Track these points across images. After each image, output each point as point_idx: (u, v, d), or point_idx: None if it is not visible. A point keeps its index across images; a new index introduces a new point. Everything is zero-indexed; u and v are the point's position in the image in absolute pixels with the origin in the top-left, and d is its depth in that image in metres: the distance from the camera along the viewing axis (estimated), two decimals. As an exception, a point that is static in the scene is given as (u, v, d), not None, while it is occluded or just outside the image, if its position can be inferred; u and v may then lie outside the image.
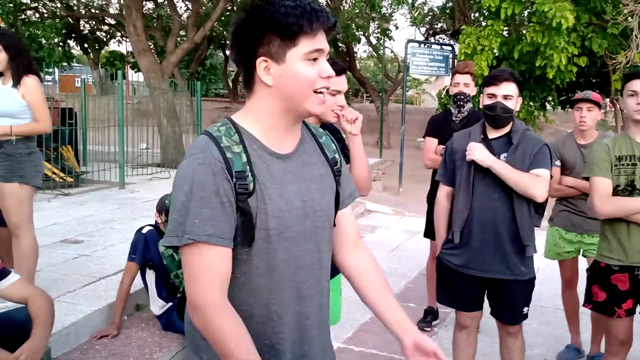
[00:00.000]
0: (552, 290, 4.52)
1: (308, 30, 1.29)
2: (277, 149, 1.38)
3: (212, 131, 1.35)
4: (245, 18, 1.33)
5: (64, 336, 3.42)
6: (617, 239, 2.67)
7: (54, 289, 3.93)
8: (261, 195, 1.31)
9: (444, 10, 19.94)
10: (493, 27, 10.96)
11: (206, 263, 1.27)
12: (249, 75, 1.36)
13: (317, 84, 1.34)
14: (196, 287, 1.28)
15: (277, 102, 1.35)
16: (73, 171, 8.82)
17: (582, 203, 3.54)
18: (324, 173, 1.47)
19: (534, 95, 12.16)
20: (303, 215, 1.38)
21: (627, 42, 10.51)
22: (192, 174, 1.27)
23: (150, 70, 12.07)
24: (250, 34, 1.32)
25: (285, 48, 1.30)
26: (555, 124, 19.38)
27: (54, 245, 5.26)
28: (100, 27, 22.50)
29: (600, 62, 11.45)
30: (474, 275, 2.75)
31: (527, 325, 2.96)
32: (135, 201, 7.82)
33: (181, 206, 1.27)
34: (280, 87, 1.33)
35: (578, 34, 10.75)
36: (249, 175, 1.30)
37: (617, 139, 2.73)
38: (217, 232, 1.27)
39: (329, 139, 1.55)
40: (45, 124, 3.66)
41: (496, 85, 2.69)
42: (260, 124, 1.37)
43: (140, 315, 3.99)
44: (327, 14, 1.32)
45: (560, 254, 3.73)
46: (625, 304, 2.70)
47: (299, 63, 1.31)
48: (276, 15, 1.28)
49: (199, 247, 1.27)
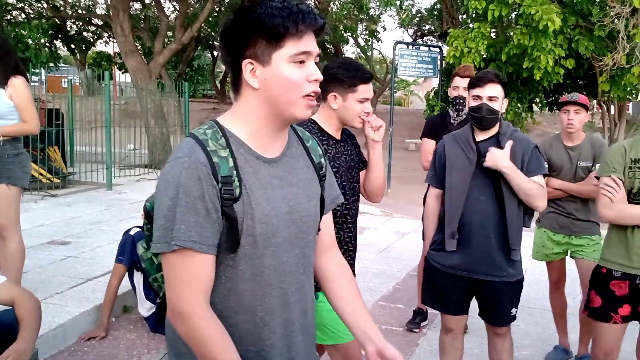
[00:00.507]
0: (539, 292, 4.56)
1: (294, 31, 1.27)
2: (264, 153, 1.35)
3: (198, 134, 1.32)
4: (233, 19, 1.31)
5: (51, 338, 3.39)
6: (624, 244, 2.62)
7: (41, 290, 3.90)
8: (248, 200, 1.29)
9: (432, 12, 20.04)
10: (480, 30, 11.04)
11: (190, 270, 1.25)
12: (236, 78, 1.35)
13: (304, 88, 1.31)
14: (180, 294, 1.26)
15: (264, 106, 1.32)
16: (60, 172, 8.75)
17: (569, 205, 3.56)
18: (310, 178, 1.45)
19: (522, 97, 12.27)
20: (290, 221, 1.36)
21: (614, 44, 10.63)
22: (178, 178, 1.24)
23: (138, 71, 12.01)
24: (238, 35, 1.30)
25: (271, 50, 1.28)
26: (542, 126, 19.53)
27: (41, 246, 5.21)
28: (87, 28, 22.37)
29: (587, 64, 11.57)
30: (461, 276, 2.76)
31: (515, 327, 2.97)
32: (122, 202, 7.77)
33: (168, 211, 1.24)
34: (266, 90, 1.31)
35: (565, 36, 10.85)
36: (235, 180, 1.28)
37: (636, 141, 2.66)
38: (202, 239, 1.24)
39: (316, 143, 1.54)
40: (33, 125, 3.63)
41: (481, 86, 2.70)
42: (247, 127, 1.34)
43: (128, 317, 3.96)
44: (315, 15, 1.29)
45: (548, 255, 3.75)
46: (622, 309, 2.63)
47: (285, 65, 1.29)
48: (262, 17, 1.26)
49: (184, 254, 1.24)
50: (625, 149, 2.62)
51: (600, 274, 2.71)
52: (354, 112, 2.36)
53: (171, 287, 1.27)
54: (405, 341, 3.92)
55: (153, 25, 18.18)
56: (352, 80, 2.33)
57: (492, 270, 2.72)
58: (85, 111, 10.50)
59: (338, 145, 2.42)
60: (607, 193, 2.58)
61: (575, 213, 3.52)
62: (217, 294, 1.32)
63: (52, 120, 8.47)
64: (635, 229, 2.57)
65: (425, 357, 3.63)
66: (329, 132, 2.40)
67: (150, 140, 12.07)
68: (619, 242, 2.63)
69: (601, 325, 2.70)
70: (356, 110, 2.36)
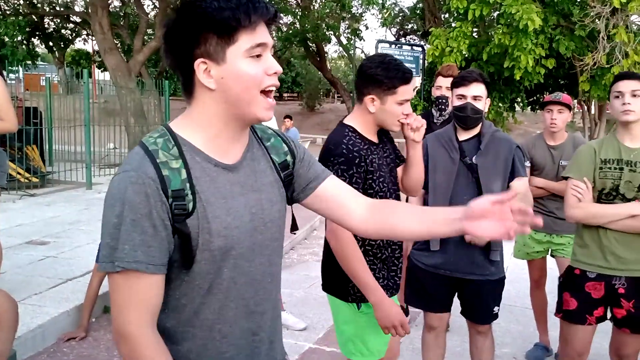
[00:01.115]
0: (520, 290, 4.59)
1: (247, 23, 1.17)
2: (223, 159, 1.26)
3: (148, 144, 1.22)
4: (177, 17, 1.21)
5: (30, 339, 3.34)
6: (597, 244, 2.60)
7: (20, 291, 3.84)
8: (203, 214, 1.21)
9: (415, 11, 20.13)
10: (461, 29, 11.12)
11: (136, 291, 1.19)
12: (187, 80, 1.24)
13: (264, 82, 1.22)
14: (124, 316, 1.19)
15: (222, 107, 1.23)
16: (39, 171, 8.63)
17: (551, 203, 3.59)
18: (273, 180, 1.37)
19: (503, 97, 12.37)
20: (252, 229, 1.29)
21: (594, 44, 10.77)
22: (124, 193, 1.16)
23: (117, 69, 11.88)
24: (184, 34, 1.19)
25: (224, 46, 1.18)
26: (524, 125, 19.75)
27: (19, 246, 5.13)
28: (65, 25, 22.05)
29: (568, 64, 11.70)
30: (444, 275, 2.77)
31: (496, 325, 2.99)
32: (102, 202, 7.63)
33: (113, 229, 1.17)
34: (223, 90, 1.21)
35: (546, 36, 10.96)
36: (188, 194, 1.19)
37: (605, 141, 2.67)
38: (148, 259, 1.17)
39: (279, 140, 1.43)
40: (11, 123, 3.56)
41: (465, 86, 2.71)
42: (204, 132, 1.25)
43: (109, 318, 3.90)
44: (266, 4, 1.20)
45: (530, 254, 3.78)
46: (597, 311, 2.64)
47: (241, 61, 1.19)
48: (210, 11, 1.16)
49: (129, 275, 1.17)
50: (595, 150, 2.63)
51: (574, 275, 2.70)
52: (394, 115, 2.20)
53: (117, 308, 1.20)
54: (389, 339, 3.92)
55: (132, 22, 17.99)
56: (391, 81, 2.14)
57: (474, 269, 2.73)
58: (64, 110, 10.36)
59: (378, 149, 2.29)
60: (576, 194, 2.60)
61: (557, 212, 3.55)
62: (171, 309, 1.27)
63: (30, 118, 8.35)
64: (609, 229, 2.57)
65: (408, 355, 3.64)
66: (367, 136, 2.26)
67: (131, 139, 11.95)
68: (592, 242, 2.63)
69: (575, 328, 2.70)
70: (396, 114, 2.20)
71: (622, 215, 2.53)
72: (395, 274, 2.36)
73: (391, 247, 2.32)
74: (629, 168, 2.55)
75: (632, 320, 2.60)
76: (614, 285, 2.60)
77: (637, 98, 2.52)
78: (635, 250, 2.56)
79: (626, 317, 2.61)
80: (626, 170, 2.55)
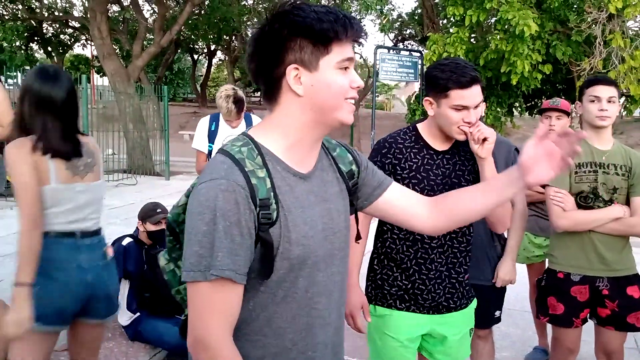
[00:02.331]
0: (519, 294, 4.58)
1: (343, 37, 1.23)
2: (300, 168, 1.30)
3: (233, 152, 1.23)
4: (272, 23, 1.23)
5: (26, 348, 3.30)
6: (580, 246, 2.64)
7: (16, 299, 3.81)
8: (285, 223, 1.23)
9: (413, 17, 20.19)
10: (459, 34, 11.15)
11: (220, 300, 1.19)
12: (273, 85, 1.26)
13: (349, 93, 1.27)
14: (206, 324, 1.19)
15: (307, 113, 1.26)
16: (36, 177, 8.59)
17: None
18: (339, 190, 1.40)
19: (501, 101, 12.39)
20: (324, 239, 1.31)
21: (591, 50, 10.81)
22: (214, 201, 1.16)
23: (116, 75, 11.89)
24: (279, 39, 1.22)
25: (319, 55, 1.23)
26: (522, 130, 19.76)
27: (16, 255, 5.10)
28: (64, 30, 22.10)
29: (565, 69, 11.75)
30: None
31: (495, 328, 2.99)
32: (101, 208, 7.65)
33: (202, 237, 1.17)
34: (311, 96, 1.24)
35: (543, 42, 11.00)
36: (272, 203, 1.21)
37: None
38: (237, 268, 1.18)
39: (344, 150, 1.47)
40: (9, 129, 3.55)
41: None
42: (285, 140, 1.28)
43: (107, 325, 3.89)
44: (359, 22, 1.26)
45: (530, 258, 3.78)
46: (582, 314, 2.70)
47: (332, 71, 1.24)
48: (309, 20, 1.21)
49: (216, 284, 1.17)
50: None
51: (558, 279, 2.71)
52: (449, 121, 2.02)
53: (197, 315, 1.20)
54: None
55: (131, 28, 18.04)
56: (444, 83, 1.98)
57: (478, 274, 2.73)
58: (62, 115, 10.34)
59: (435, 156, 2.13)
60: (558, 203, 2.63)
61: None
62: (244, 318, 1.26)
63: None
64: (592, 232, 2.61)
65: None
66: (427, 140, 2.14)
67: (129, 144, 11.95)
68: (574, 244, 2.66)
69: (563, 330, 2.76)
70: (451, 119, 2.01)
71: (606, 219, 2.59)
72: (425, 292, 2.15)
73: (425, 266, 2.14)
74: (602, 171, 2.61)
75: (617, 319, 2.66)
76: (597, 287, 2.65)
77: (612, 104, 2.59)
78: (617, 250, 2.64)
79: (610, 316, 2.67)
80: (600, 173, 2.61)
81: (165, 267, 1.52)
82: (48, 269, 2.16)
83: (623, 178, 2.61)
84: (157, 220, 3.69)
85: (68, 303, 2.23)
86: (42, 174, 2.14)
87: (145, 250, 3.70)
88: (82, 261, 2.24)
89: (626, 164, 2.62)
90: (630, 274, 2.67)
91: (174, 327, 3.58)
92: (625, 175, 2.61)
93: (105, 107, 16.49)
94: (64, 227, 2.22)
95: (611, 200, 2.61)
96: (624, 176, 2.61)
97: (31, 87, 2.19)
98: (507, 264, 2.75)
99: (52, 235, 2.19)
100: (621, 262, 2.65)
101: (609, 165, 2.61)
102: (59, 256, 2.20)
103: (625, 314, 2.64)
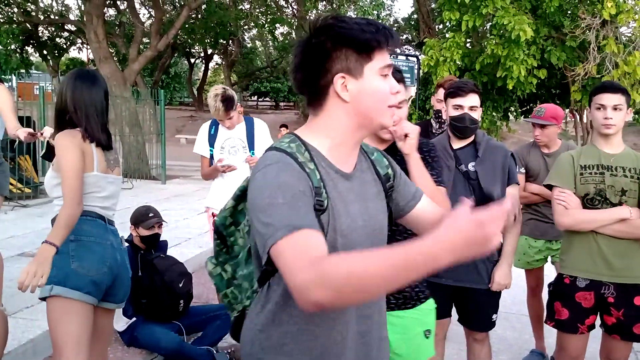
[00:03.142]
0: (516, 297, 4.59)
1: (384, 45, 1.32)
2: (342, 167, 1.37)
3: (283, 147, 1.31)
4: (317, 35, 1.32)
5: (20, 354, 3.29)
6: (587, 250, 2.61)
7: (11, 304, 3.80)
8: (332, 213, 1.30)
9: (409, 22, 20.28)
10: (455, 39, 11.19)
11: (307, 242, 1.14)
12: (319, 93, 1.34)
13: (390, 99, 1.36)
14: (304, 265, 1.09)
15: (352, 118, 1.34)
16: (31, 182, 8.58)
17: (548, 210, 3.59)
18: (377, 191, 1.47)
19: (497, 106, 12.44)
20: (364, 235, 1.37)
21: (585, 55, 10.87)
22: (277, 178, 1.22)
23: (112, 78, 11.88)
24: (326, 50, 1.31)
25: (363, 62, 1.31)
26: (518, 134, 19.85)
27: (11, 259, 5.07)
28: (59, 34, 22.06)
29: (560, 74, 11.80)
30: (444, 284, 2.77)
31: (492, 332, 2.99)
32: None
33: (279, 207, 1.17)
34: (357, 102, 1.33)
35: (538, 47, 11.07)
36: (323, 192, 1.29)
37: (583, 150, 2.72)
38: (312, 224, 1.17)
39: (380, 155, 1.55)
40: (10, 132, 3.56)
41: (462, 96, 2.73)
42: (330, 141, 1.36)
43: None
44: (397, 33, 1.36)
45: (530, 263, 3.79)
46: (588, 320, 2.67)
47: (375, 78, 1.33)
48: (353, 32, 1.30)
49: (301, 233, 1.14)
50: (573, 158, 2.67)
51: (564, 284, 2.71)
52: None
53: (292, 265, 1.11)
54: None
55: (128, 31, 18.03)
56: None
57: (476, 278, 2.75)
58: (58, 119, 10.31)
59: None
60: (561, 202, 2.63)
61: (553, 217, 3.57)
62: (297, 307, 1.20)
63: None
64: (599, 235, 2.59)
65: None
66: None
67: (125, 148, 11.93)
68: (581, 248, 2.64)
69: (568, 336, 2.72)
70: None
71: (610, 219, 2.56)
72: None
73: None
74: (609, 173, 2.59)
75: (622, 328, 2.63)
76: (603, 294, 2.62)
77: (618, 111, 2.57)
78: (624, 256, 2.59)
79: (616, 325, 2.64)
80: (607, 175, 2.59)
81: (212, 272, 1.57)
82: (88, 243, 2.39)
83: (632, 180, 2.57)
84: (149, 225, 3.67)
85: (103, 277, 2.41)
86: (88, 161, 2.41)
87: (141, 255, 3.68)
88: (113, 242, 2.50)
89: (637, 167, 2.59)
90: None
91: (170, 332, 3.56)
92: (635, 178, 2.57)
93: (101, 110, 16.46)
94: (99, 210, 2.48)
95: (620, 203, 2.57)
96: (634, 179, 2.58)
97: (74, 86, 2.45)
98: (504, 268, 2.76)
99: (93, 214, 2.44)
100: (630, 269, 2.58)
101: (617, 167, 2.59)
102: (98, 232, 2.44)
103: (632, 324, 2.60)
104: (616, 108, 2.56)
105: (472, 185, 2.73)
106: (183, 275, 3.72)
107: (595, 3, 10.53)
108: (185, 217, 7.38)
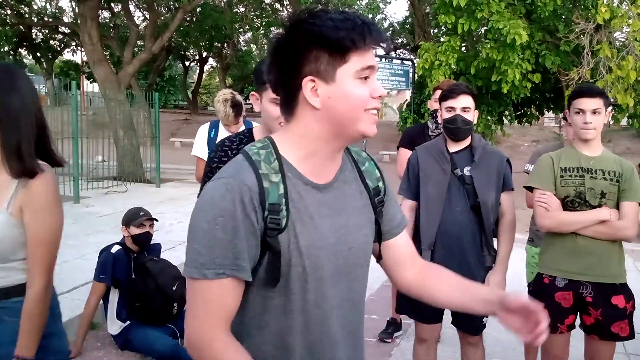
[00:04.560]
0: (510, 301, 4.61)
1: (361, 45, 1.16)
2: (315, 179, 1.24)
3: (251, 153, 1.21)
4: (287, 33, 1.19)
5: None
6: (566, 250, 2.65)
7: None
8: (293, 231, 1.19)
9: (404, 26, 20.34)
10: (450, 43, 11.23)
11: (219, 296, 1.15)
12: (290, 98, 1.22)
13: (369, 104, 1.20)
14: (203, 321, 1.16)
15: (325, 126, 1.21)
16: (25, 184, 8.50)
17: None
18: (362, 205, 1.33)
19: (492, 110, 12.48)
20: (336, 253, 1.25)
21: (579, 59, 10.92)
22: (219, 200, 1.14)
23: (106, 81, 11.84)
24: (294, 50, 1.18)
25: (335, 65, 1.17)
26: (512, 138, 19.91)
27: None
28: (53, 36, 22.02)
29: (554, 79, 11.86)
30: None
31: (486, 335, 3.00)
32: (90, 216, 7.60)
33: (203, 235, 1.14)
34: (328, 109, 1.19)
35: (532, 51, 11.13)
36: (282, 210, 1.18)
37: (563, 152, 2.75)
38: (234, 266, 1.15)
39: (373, 165, 1.40)
40: None
41: (454, 98, 2.75)
42: (301, 151, 1.23)
43: (96, 334, 3.85)
44: (379, 29, 1.19)
45: None
46: (568, 320, 2.69)
47: (350, 82, 1.18)
48: (324, 29, 1.15)
49: (214, 282, 1.14)
50: (552, 160, 2.70)
51: (544, 284, 2.73)
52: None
53: (195, 313, 1.17)
54: (379, 352, 3.90)
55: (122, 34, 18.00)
56: None
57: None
58: (51, 122, 10.26)
59: None
60: (542, 204, 2.66)
61: None
62: (254, 328, 1.23)
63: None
64: (579, 236, 2.62)
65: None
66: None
67: (120, 151, 11.88)
68: (561, 247, 2.67)
69: (549, 336, 2.73)
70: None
71: (591, 221, 2.60)
72: None
73: None
74: (589, 175, 2.63)
75: (601, 327, 2.66)
76: (581, 294, 2.65)
77: (597, 115, 2.60)
78: (602, 256, 2.63)
79: (594, 324, 2.67)
80: (587, 178, 2.63)
81: None
82: None
83: (612, 183, 2.61)
84: (140, 222, 3.67)
85: None
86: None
87: (134, 258, 3.67)
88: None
89: (616, 170, 2.63)
90: (617, 282, 2.65)
91: (164, 335, 3.55)
92: (614, 181, 2.62)
93: (95, 113, 16.43)
94: None
95: (599, 205, 2.61)
96: (613, 181, 2.62)
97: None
98: (499, 274, 2.77)
99: None
100: (607, 269, 2.63)
101: (597, 170, 2.63)
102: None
103: (609, 323, 2.63)
104: (595, 112, 2.59)
105: (467, 189, 2.74)
106: (176, 279, 3.71)
107: (589, 8, 10.60)
108: (180, 220, 7.35)
